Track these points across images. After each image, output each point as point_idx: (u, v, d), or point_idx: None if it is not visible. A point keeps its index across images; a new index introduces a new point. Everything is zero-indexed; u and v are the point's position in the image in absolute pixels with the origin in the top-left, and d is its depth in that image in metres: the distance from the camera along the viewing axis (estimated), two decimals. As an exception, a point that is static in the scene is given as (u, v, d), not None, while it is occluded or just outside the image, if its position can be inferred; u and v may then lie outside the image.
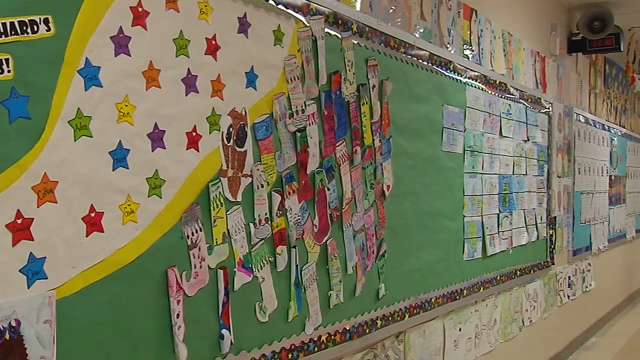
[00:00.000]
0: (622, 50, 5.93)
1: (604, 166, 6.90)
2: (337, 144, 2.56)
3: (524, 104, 4.56)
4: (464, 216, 3.67)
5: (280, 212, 2.25)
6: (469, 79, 3.72)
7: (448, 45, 3.56)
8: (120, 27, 1.68)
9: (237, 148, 2.07)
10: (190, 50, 1.89)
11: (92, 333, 1.62)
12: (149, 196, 1.76)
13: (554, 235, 5.20)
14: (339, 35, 2.57)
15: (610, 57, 7.07)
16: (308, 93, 2.38)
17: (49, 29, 1.50)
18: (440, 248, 3.40)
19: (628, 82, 7.88)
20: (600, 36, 5.55)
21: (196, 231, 1.91)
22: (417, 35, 3.23)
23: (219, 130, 2.00)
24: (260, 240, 2.16)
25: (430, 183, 3.30)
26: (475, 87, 3.80)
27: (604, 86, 7.02)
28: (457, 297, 3.57)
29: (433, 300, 3.31)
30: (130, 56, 1.70)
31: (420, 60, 3.19)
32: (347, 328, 2.62)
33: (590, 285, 6.45)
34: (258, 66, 2.15)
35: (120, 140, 1.68)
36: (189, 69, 1.88)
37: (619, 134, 7.59)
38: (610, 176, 7.15)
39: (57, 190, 1.52)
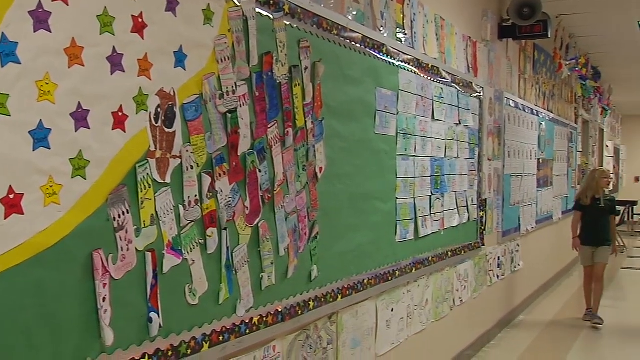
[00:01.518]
0: (549, 36, 6.10)
1: (533, 150, 7.10)
2: (269, 126, 2.55)
3: (456, 88, 4.64)
4: (397, 198, 3.72)
5: (211, 194, 2.23)
6: (401, 62, 3.76)
7: (381, 29, 3.58)
8: (40, 1, 1.62)
9: (165, 129, 2.04)
10: (115, 28, 1.84)
11: (14, 317, 1.57)
12: (72, 177, 1.72)
13: (484, 217, 5.33)
14: (271, 16, 2.55)
15: (539, 43, 7.26)
16: (239, 74, 2.36)
17: (-39, 2, 1.44)
18: (373, 230, 3.44)
19: (556, 68, 8.11)
20: (529, 23, 5.68)
21: (123, 213, 1.88)
22: (350, 17, 3.24)
23: (147, 111, 1.96)
24: (190, 223, 2.14)
25: (363, 165, 3.32)
26: (408, 70, 3.84)
27: (533, 72, 7.21)
28: (390, 278, 3.63)
29: (365, 281, 3.35)
30: (50, 32, 1.65)
31: (353, 43, 3.20)
32: (280, 310, 2.62)
33: (519, 265, 6.65)
34: (187, 45, 2.11)
35: (41, 120, 1.62)
36: (114, 47, 1.84)
37: (547, 118, 7.81)
38: (539, 159, 7.37)
39: (-28, 171, 1.46)
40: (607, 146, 14.28)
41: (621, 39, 8.65)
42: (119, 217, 1.86)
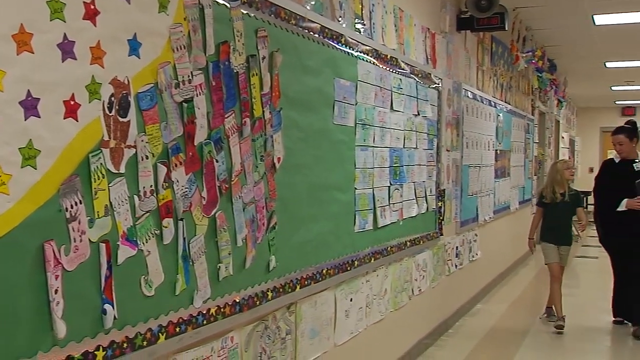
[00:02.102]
0: (506, 29, 6.18)
1: (490, 141, 7.19)
2: (226, 116, 2.53)
3: (415, 79, 4.67)
4: (355, 188, 3.73)
5: (167, 184, 2.20)
6: (360, 52, 3.76)
7: (340, 19, 3.58)
8: (-14, -14, 1.58)
9: (119, 118, 2.00)
10: (66, 14, 1.79)
11: (-39, 311, 1.54)
12: (22, 167, 1.68)
13: (442, 207, 5.39)
14: (228, 5, 2.52)
15: (496, 35, 7.35)
16: (195, 63, 2.34)
17: None
18: (332, 220, 3.45)
19: (513, 60, 8.22)
20: (486, 15, 5.74)
21: (76, 204, 1.84)
22: (308, 7, 3.22)
23: (100, 100, 1.92)
24: (145, 213, 2.11)
25: (322, 156, 3.33)
26: (366, 61, 3.85)
27: (490, 63, 7.30)
28: (349, 268, 3.64)
29: (324, 271, 3.36)
30: (-3, 18, 1.60)
31: (311, 33, 3.20)
32: (237, 300, 2.61)
33: (477, 254, 6.75)
34: (141, 33, 2.08)
35: (-12, 108, 1.58)
36: (65, 34, 1.80)
37: (505, 110, 7.92)
38: (496, 150, 7.47)
39: None
40: (563, 137, 14.55)
41: (576, 32, 8.81)
42: (72, 207, 1.83)
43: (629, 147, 5.78)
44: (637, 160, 5.77)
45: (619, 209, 5.63)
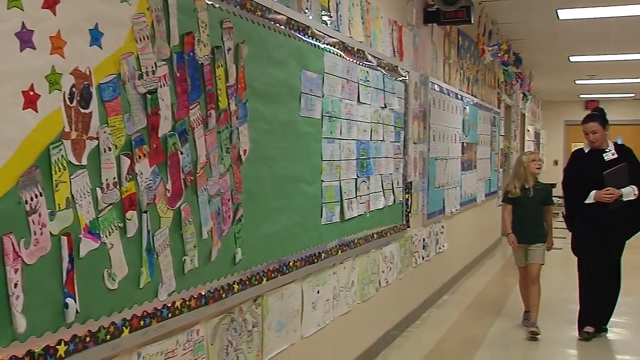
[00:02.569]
0: (472, 22, 6.22)
1: (457, 133, 7.25)
2: (191, 107, 2.51)
3: (382, 72, 4.68)
4: (322, 181, 3.74)
5: (130, 177, 2.18)
6: (327, 45, 3.76)
7: (306, 11, 3.57)
8: (-59, -27, 1.54)
9: (81, 109, 1.97)
10: (24, 3, 1.76)
11: None
12: (-21, 159, 1.64)
13: (409, 200, 5.42)
14: (192, -5, 2.50)
15: (463, 29, 7.40)
16: (159, 54, 2.31)
17: None
18: (298, 212, 3.44)
19: (479, 54, 8.29)
20: (453, 8, 5.78)
21: (36, 196, 1.81)
22: (274, -1, 3.21)
23: (60, 90, 1.89)
24: (108, 206, 2.09)
25: (288, 148, 3.32)
26: (333, 53, 3.85)
27: (457, 57, 7.35)
28: (315, 260, 3.65)
29: (291, 263, 3.36)
30: (-48, 6, 1.56)
31: (277, 25, 3.18)
32: (203, 293, 2.60)
33: (443, 246, 6.81)
34: (103, 23, 2.05)
35: (-57, 98, 1.54)
36: (23, 22, 1.76)
37: (471, 103, 7.99)
38: (463, 143, 7.53)
39: None
40: (529, 130, 14.74)
41: (540, 26, 8.91)
42: (32, 200, 1.80)
43: (601, 136, 5.32)
44: (607, 150, 5.35)
45: (587, 202, 5.26)
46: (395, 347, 5.12)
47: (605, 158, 5.31)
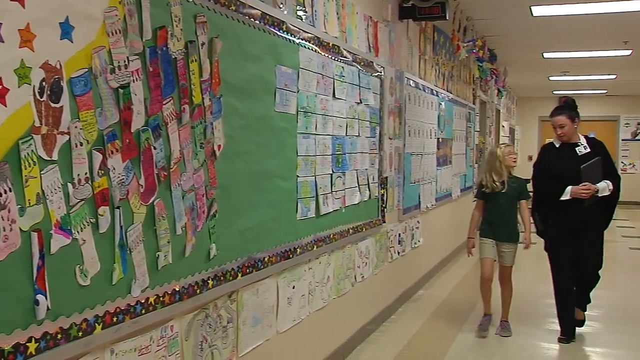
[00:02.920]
0: (447, 18, 6.25)
1: (432, 129, 7.29)
2: (164, 102, 2.49)
3: (357, 67, 4.69)
4: (298, 176, 3.73)
5: (102, 172, 2.16)
6: (302, 40, 3.75)
7: (281, 6, 3.56)
8: None
9: (51, 104, 1.95)
10: (-8, -5, 1.73)
11: None
12: (-54, 154, 1.62)
13: (385, 195, 5.44)
14: (165, -11, 2.48)
15: (438, 25, 7.43)
16: (131, 48, 2.29)
17: None
18: (274, 208, 3.44)
19: (454, 50, 8.34)
20: (428, 4, 5.81)
21: (5, 192, 1.79)
22: (249, -7, 3.19)
23: (30, 84, 1.87)
24: (80, 201, 2.06)
25: (263, 143, 3.31)
26: (308, 48, 3.84)
27: (432, 53, 7.38)
28: (291, 256, 3.65)
29: (266, 259, 3.35)
30: None
31: (252, 19, 3.17)
32: (177, 289, 2.59)
33: (419, 241, 6.85)
34: (74, 17, 2.02)
35: None
36: (-9, 15, 1.73)
37: (446, 98, 8.03)
38: (438, 139, 7.57)
39: None
40: (503, 126, 14.87)
41: (514, 23, 8.98)
42: (1, 195, 1.77)
43: (570, 130, 5.03)
44: (579, 144, 5.08)
45: (562, 198, 4.97)
46: (371, 341, 5.14)
47: (578, 152, 5.06)
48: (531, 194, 5.42)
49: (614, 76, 14.33)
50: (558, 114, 5.08)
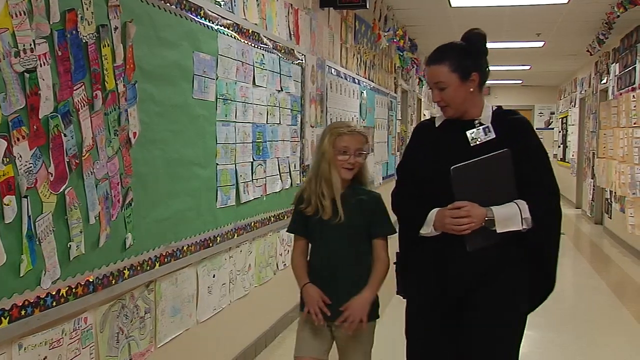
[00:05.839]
0: (367, 7, 6.29)
1: (354, 117, 7.35)
2: (75, 88, 2.41)
3: (278, 55, 4.67)
4: (217, 164, 3.69)
5: (8, 160, 2.07)
6: (221, 26, 3.71)
7: (198, -9, 3.50)
8: None
9: (-50, 88, 1.85)
10: None
11: None
12: None
13: (307, 183, 5.45)
14: (74, -30, 2.39)
15: (359, 14, 7.49)
16: (38, 31, 2.20)
17: None
18: (192, 196, 3.39)
19: (375, 39, 8.42)
20: (348, -8, 5.82)
21: None
22: (164, -23, 3.13)
23: None
24: (-17, 190, 1.98)
25: (181, 131, 3.26)
26: (227, 35, 3.80)
27: (354, 41, 7.44)
28: (211, 244, 3.61)
29: (185, 248, 3.31)
30: None
31: (168, 4, 3.10)
32: (91, 280, 2.52)
33: (341, 228, 6.87)
34: (-26, -3, 1.93)
35: None
36: None
37: (368, 87, 8.12)
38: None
39: None
40: (425, 115, 15.15)
41: (433, 13, 9.14)
42: None
43: (456, 93, 2.53)
44: (478, 122, 2.54)
45: (422, 232, 2.51)
46: (294, 329, 5.15)
47: (470, 137, 2.51)
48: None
49: (528, 67, 14.82)
50: (436, 62, 2.66)
